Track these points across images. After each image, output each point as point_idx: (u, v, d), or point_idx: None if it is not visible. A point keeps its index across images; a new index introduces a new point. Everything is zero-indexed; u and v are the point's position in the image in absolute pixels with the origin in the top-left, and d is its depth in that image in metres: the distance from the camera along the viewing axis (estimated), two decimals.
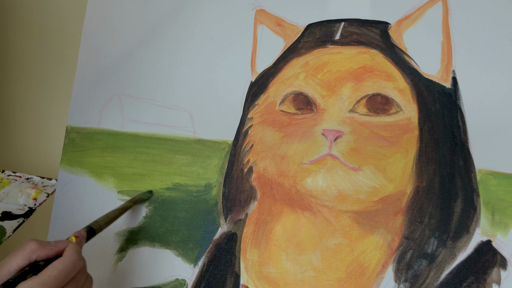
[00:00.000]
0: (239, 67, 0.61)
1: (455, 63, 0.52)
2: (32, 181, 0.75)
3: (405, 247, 0.49)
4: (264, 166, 0.57)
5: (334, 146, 0.53)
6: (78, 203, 0.67)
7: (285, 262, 0.53)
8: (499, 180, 0.48)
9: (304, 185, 0.54)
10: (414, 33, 0.54)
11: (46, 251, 0.43)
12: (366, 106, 0.53)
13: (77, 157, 0.68)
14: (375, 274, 0.50)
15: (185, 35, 0.65)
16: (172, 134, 0.63)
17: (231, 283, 0.55)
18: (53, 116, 0.88)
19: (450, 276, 0.47)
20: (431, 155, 0.51)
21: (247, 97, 0.60)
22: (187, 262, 0.58)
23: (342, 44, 0.57)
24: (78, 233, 0.49)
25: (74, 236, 0.48)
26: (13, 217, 0.69)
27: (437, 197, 0.50)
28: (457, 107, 0.51)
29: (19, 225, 0.68)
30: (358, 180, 0.52)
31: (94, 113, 0.68)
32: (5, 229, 0.67)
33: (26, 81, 0.90)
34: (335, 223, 0.52)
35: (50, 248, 0.43)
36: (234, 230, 0.57)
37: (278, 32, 0.60)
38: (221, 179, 0.59)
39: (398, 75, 0.54)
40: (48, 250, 0.43)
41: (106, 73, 0.69)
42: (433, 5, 0.54)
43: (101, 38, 0.71)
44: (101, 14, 0.71)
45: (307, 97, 0.56)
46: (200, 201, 0.59)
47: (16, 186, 0.73)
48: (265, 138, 0.57)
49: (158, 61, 0.66)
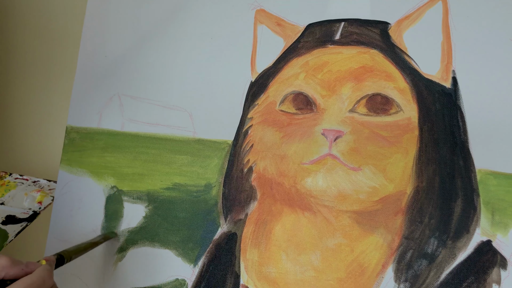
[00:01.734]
0: (239, 67, 0.61)
1: (455, 63, 0.52)
2: (39, 184, 0.75)
3: (405, 247, 0.49)
4: (264, 166, 0.57)
5: (334, 146, 0.53)
6: (78, 203, 0.67)
7: (285, 262, 0.53)
8: (499, 180, 0.48)
9: (304, 185, 0.54)
10: (414, 33, 0.54)
11: (16, 270, 0.42)
12: (366, 106, 0.53)
13: (77, 157, 0.68)
14: (375, 274, 0.50)
15: (185, 35, 0.65)
16: (172, 134, 0.63)
17: (231, 283, 0.55)
18: (53, 116, 0.88)
19: (450, 276, 0.47)
20: (431, 155, 0.51)
21: (247, 97, 0.60)
22: (187, 262, 0.58)
23: (342, 44, 0.57)
24: (48, 258, 0.48)
25: (44, 260, 0.47)
26: (16, 221, 0.69)
27: (437, 197, 0.50)
28: (457, 107, 0.51)
29: (22, 229, 0.68)
30: (358, 180, 0.52)
31: (94, 113, 0.68)
32: (7, 233, 0.67)
33: (26, 81, 0.90)
34: (335, 223, 0.52)
35: (20, 267, 0.42)
36: (234, 230, 0.57)
37: (278, 32, 0.60)
38: (221, 179, 0.59)
39: (398, 75, 0.54)
40: (19, 269, 0.42)
41: (106, 73, 0.69)
42: (433, 5, 0.54)
43: (101, 38, 0.71)
44: (101, 14, 0.71)
45: (307, 97, 0.56)
46: (200, 201, 0.59)
47: (22, 189, 0.73)
48: (265, 138, 0.57)
49: (158, 61, 0.66)
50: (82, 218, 0.66)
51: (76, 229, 0.66)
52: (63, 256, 0.51)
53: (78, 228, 0.66)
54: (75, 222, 0.66)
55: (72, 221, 0.66)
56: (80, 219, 0.66)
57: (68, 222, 0.67)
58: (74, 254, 0.53)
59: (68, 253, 0.52)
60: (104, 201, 0.65)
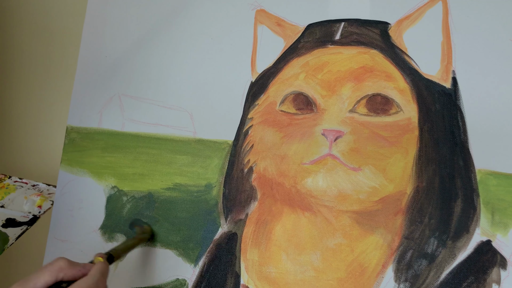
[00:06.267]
0: (239, 67, 0.61)
1: (455, 63, 0.52)
2: (38, 188, 0.75)
3: (405, 247, 0.50)
4: (264, 166, 0.57)
5: (334, 146, 0.53)
6: (78, 203, 0.67)
7: (285, 262, 0.54)
8: (499, 180, 0.48)
9: (304, 185, 0.54)
10: (414, 33, 0.54)
11: (74, 272, 0.43)
12: (366, 106, 0.53)
13: (77, 157, 0.68)
14: (375, 274, 0.50)
15: (185, 35, 0.65)
16: (172, 134, 0.63)
17: (232, 283, 0.55)
18: (53, 116, 0.88)
19: (450, 276, 0.47)
20: (431, 155, 0.51)
21: (247, 97, 0.60)
22: (187, 262, 0.58)
23: (342, 44, 0.57)
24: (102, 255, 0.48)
25: (100, 257, 0.48)
26: (17, 224, 0.69)
27: (437, 197, 0.50)
28: (457, 107, 0.51)
29: (22, 233, 0.68)
30: (358, 180, 0.52)
31: (94, 113, 0.69)
32: (8, 237, 0.67)
33: (26, 81, 0.90)
34: (335, 223, 0.53)
35: (78, 269, 0.43)
36: (234, 230, 0.57)
37: (278, 32, 0.60)
38: (221, 179, 0.59)
39: (398, 75, 0.54)
40: (76, 270, 0.43)
41: (106, 73, 0.69)
42: (433, 5, 0.54)
43: (101, 38, 0.71)
44: (101, 14, 0.71)
45: (307, 97, 0.56)
46: (200, 201, 0.59)
47: (22, 192, 0.73)
48: (265, 138, 0.57)
49: (158, 61, 0.66)
50: (83, 218, 0.66)
51: (77, 229, 0.66)
52: (112, 254, 0.50)
53: (78, 228, 0.66)
54: (76, 222, 0.66)
55: (73, 221, 0.66)
56: (81, 219, 0.66)
57: (69, 222, 0.67)
58: (123, 252, 0.53)
59: (116, 252, 0.52)
60: (105, 201, 0.65)
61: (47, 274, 0.41)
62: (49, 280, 0.41)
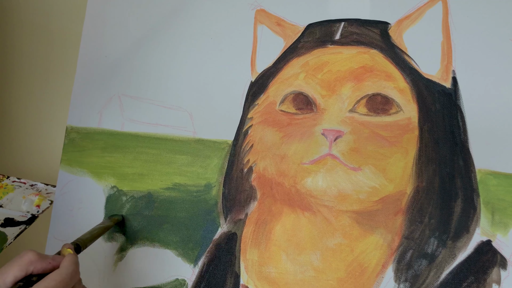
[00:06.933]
0: (239, 67, 0.61)
1: (455, 63, 0.52)
2: (36, 187, 0.75)
3: (405, 247, 0.49)
4: (264, 166, 0.57)
5: (334, 146, 0.53)
6: (78, 203, 0.67)
7: (285, 262, 0.53)
8: (499, 180, 0.48)
9: (304, 185, 0.54)
10: (414, 33, 0.54)
11: (44, 264, 0.42)
12: (366, 106, 0.53)
13: (77, 157, 0.68)
14: (375, 274, 0.50)
15: (185, 35, 0.65)
16: (172, 134, 0.63)
17: (231, 283, 0.55)
18: (53, 116, 0.88)
19: (450, 276, 0.47)
20: (431, 155, 0.51)
21: (247, 97, 0.60)
22: (187, 262, 0.58)
23: (342, 44, 0.57)
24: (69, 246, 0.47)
25: (68, 248, 0.47)
26: (15, 223, 0.69)
27: (437, 197, 0.50)
28: (457, 107, 0.51)
29: (20, 232, 0.68)
30: (358, 180, 0.52)
31: (94, 113, 0.68)
32: (6, 236, 0.67)
33: (26, 82, 0.90)
34: (335, 223, 0.52)
35: (48, 261, 0.42)
36: (234, 230, 0.57)
37: (278, 32, 0.60)
38: (221, 179, 0.59)
39: (398, 75, 0.54)
40: (46, 263, 0.42)
41: (106, 73, 0.69)
42: (433, 5, 0.54)
43: (101, 38, 0.71)
44: (101, 14, 0.71)
45: (307, 97, 0.56)
46: (200, 201, 0.59)
47: (20, 192, 0.73)
48: (265, 138, 0.57)
49: (158, 61, 0.66)
50: (82, 218, 0.66)
51: (76, 229, 0.66)
52: (79, 244, 0.50)
53: (78, 228, 0.66)
54: (75, 222, 0.66)
55: (72, 221, 0.66)
56: (80, 219, 0.66)
57: (68, 222, 0.67)
58: (89, 241, 0.53)
59: (83, 241, 0.51)
60: (104, 201, 0.65)
61: (16, 269, 0.40)
62: (18, 274, 0.40)
